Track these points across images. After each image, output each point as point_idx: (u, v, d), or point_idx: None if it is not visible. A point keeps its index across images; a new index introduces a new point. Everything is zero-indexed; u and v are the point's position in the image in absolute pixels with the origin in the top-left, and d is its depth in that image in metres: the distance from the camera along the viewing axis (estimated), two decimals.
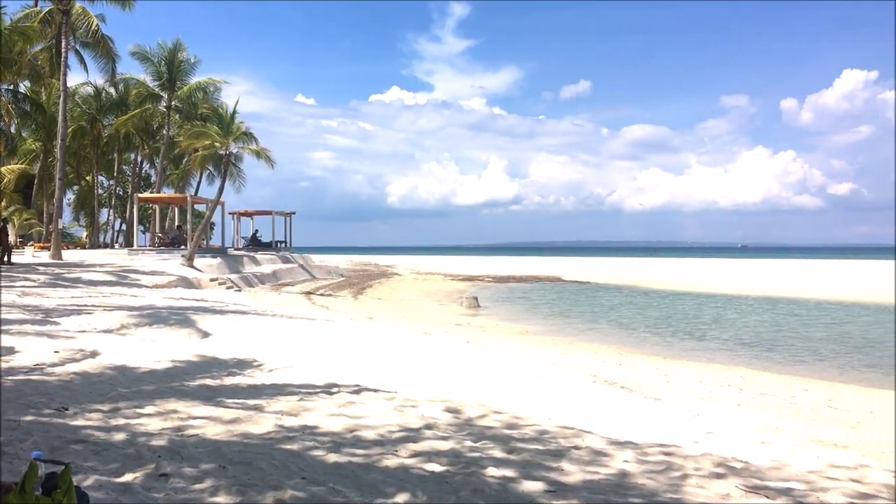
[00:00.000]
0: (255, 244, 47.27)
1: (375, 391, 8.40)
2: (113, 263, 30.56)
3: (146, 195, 44.65)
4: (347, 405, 7.47)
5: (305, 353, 11.95)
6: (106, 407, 6.68)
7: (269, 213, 48.97)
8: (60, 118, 33.13)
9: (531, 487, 4.87)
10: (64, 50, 33.10)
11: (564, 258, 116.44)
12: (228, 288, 28.80)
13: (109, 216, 59.47)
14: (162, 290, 23.64)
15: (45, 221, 44.11)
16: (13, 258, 28.62)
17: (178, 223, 45.32)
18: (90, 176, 52.85)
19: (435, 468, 5.23)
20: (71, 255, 35.78)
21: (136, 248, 39.73)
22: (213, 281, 28.99)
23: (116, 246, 52.63)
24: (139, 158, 54.62)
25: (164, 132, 45.68)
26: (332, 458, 5.39)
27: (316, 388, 8.43)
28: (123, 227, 55.77)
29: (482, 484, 4.90)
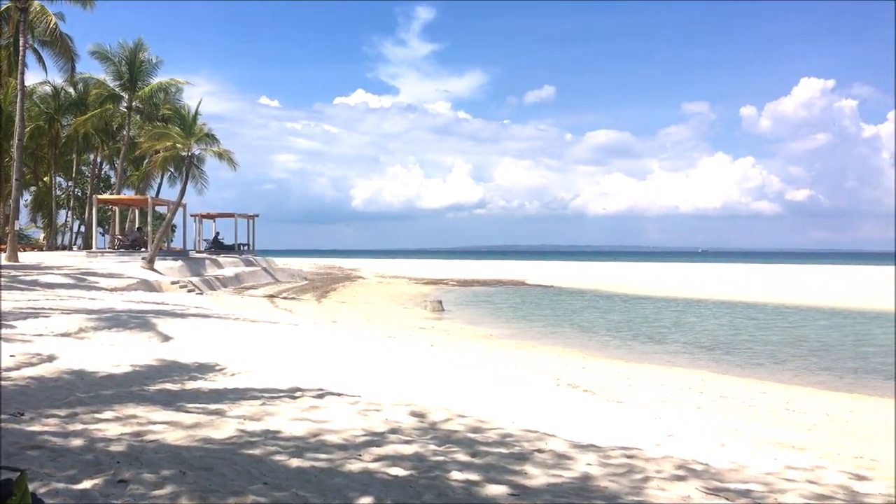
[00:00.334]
0: (217, 247, 46.78)
1: (339, 395, 8.37)
2: (71, 266, 29.97)
3: (106, 196, 43.95)
4: (311, 409, 7.43)
5: (268, 357, 11.86)
6: (63, 412, 6.55)
7: (231, 215, 48.49)
8: (17, 118, 32.45)
9: (495, 491, 4.88)
10: (22, 48, 32.45)
11: (528, 262, 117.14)
12: (190, 291, 28.45)
13: (68, 218, 58.36)
14: (121, 292, 23.28)
15: (0, 223, 43.16)
16: None
17: (138, 225, 44.70)
18: (48, 177, 51.87)
19: (399, 472, 5.22)
20: (28, 257, 35.04)
21: (95, 250, 39.04)
22: (174, 284, 28.61)
23: (75, 248, 51.67)
24: (99, 159, 53.74)
25: (124, 133, 44.99)
26: (295, 462, 5.35)
27: (279, 392, 8.36)
28: (82, 228, 54.73)
29: (446, 488, 4.90)
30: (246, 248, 47.87)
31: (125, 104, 44.48)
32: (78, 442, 5.51)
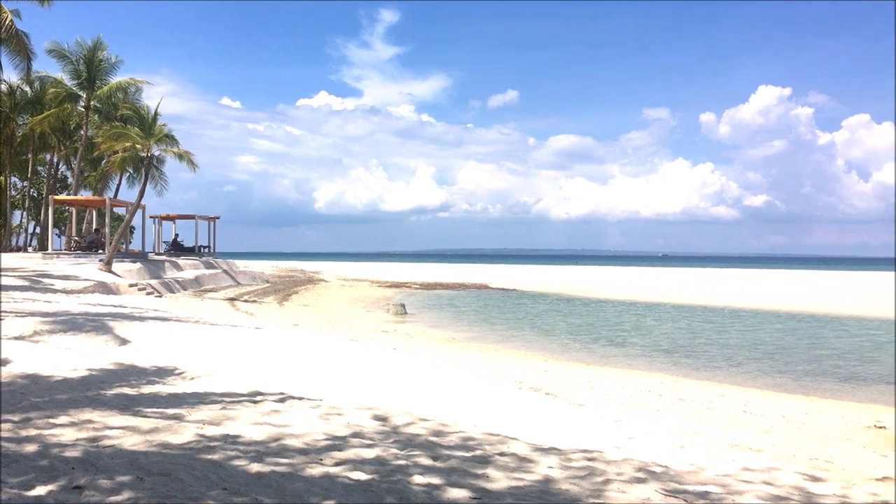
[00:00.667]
0: (177, 249, 46.20)
1: (301, 399, 8.30)
2: (26, 268, 29.35)
3: (62, 197, 43.15)
4: (272, 413, 7.36)
5: (229, 360, 11.73)
6: (16, 417, 6.42)
7: (192, 217, 47.91)
8: None
9: (457, 495, 4.89)
10: None
11: (491, 265, 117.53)
12: (149, 294, 28.03)
13: (23, 219, 57.14)
14: (78, 295, 22.85)
15: None
16: None
17: (95, 226, 43.91)
18: (2, 177, 50.69)
19: (360, 476, 5.19)
20: None
21: (50, 251, 38.27)
22: (132, 286, 28.16)
23: (30, 249, 50.56)
24: (55, 159, 52.71)
25: (81, 133, 44.21)
26: (255, 467, 5.29)
27: (239, 396, 8.28)
28: (37, 229, 53.65)
29: (408, 492, 4.89)
30: (206, 250, 47.36)
31: (83, 104, 43.71)
32: (32, 448, 5.39)
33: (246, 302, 31.01)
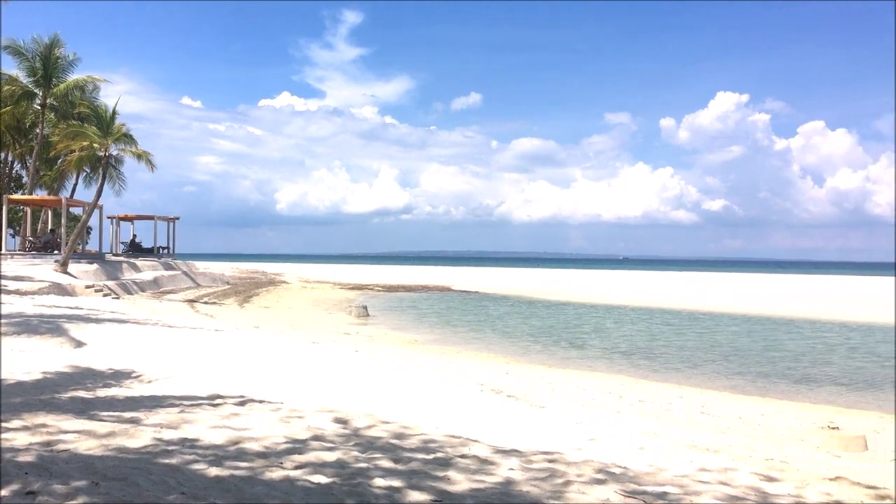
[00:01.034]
0: (135, 250, 45.52)
1: (261, 402, 8.23)
2: None
3: (17, 196, 42.24)
4: (231, 417, 7.29)
5: (188, 363, 11.59)
6: None
7: (151, 217, 47.22)
8: None
9: (418, 497, 4.88)
10: None
11: (453, 268, 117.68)
12: (106, 295, 27.54)
13: None
14: (32, 296, 22.38)
15: None
16: None
17: (51, 227, 43.06)
18: None
19: (321, 479, 5.17)
20: None
21: (4, 252, 37.43)
22: (88, 288, 27.66)
23: None
24: (10, 158, 51.56)
25: (37, 131, 43.31)
26: (213, 471, 5.23)
27: (198, 399, 8.18)
28: None
29: (369, 495, 4.88)
30: (165, 251, 46.72)
31: (39, 101, 42.82)
32: None
33: (206, 304, 30.65)
